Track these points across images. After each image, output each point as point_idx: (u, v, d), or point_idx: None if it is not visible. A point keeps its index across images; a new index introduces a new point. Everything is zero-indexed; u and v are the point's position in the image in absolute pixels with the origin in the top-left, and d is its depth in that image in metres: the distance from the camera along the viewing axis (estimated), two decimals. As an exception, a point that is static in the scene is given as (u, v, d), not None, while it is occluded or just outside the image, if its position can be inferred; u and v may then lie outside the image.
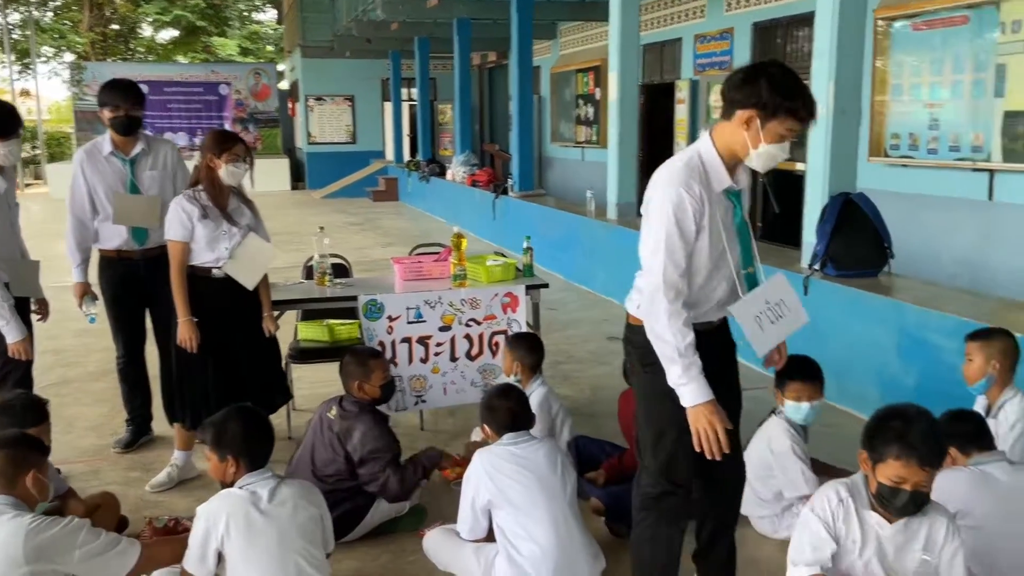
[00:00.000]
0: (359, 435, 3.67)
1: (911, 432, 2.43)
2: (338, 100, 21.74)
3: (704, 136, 2.69)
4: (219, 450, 2.88)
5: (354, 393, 3.81)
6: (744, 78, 2.57)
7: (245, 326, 4.14)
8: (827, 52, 5.23)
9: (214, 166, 4.00)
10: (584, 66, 14.24)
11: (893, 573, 2.60)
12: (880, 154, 7.56)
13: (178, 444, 4.33)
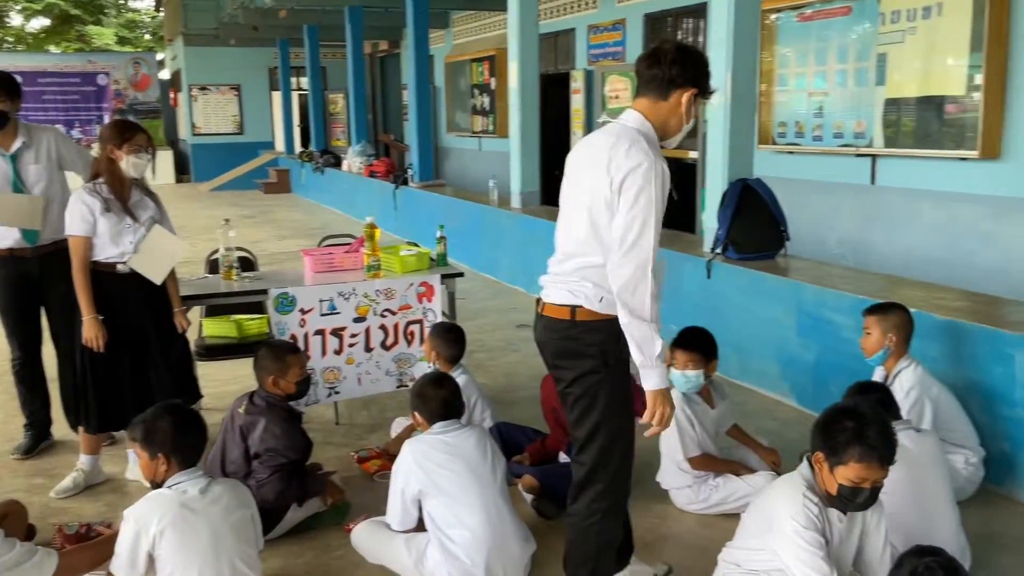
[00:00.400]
0: (260, 430, 3.58)
1: (869, 433, 2.47)
2: (224, 89, 21.09)
3: (635, 114, 2.68)
4: (149, 448, 2.80)
5: (268, 388, 3.72)
6: (683, 58, 2.63)
7: (154, 323, 4.00)
8: (724, 42, 5.40)
9: (115, 158, 3.85)
10: (479, 55, 14.24)
11: (841, 555, 2.69)
12: (768, 142, 7.85)
13: (84, 448, 4.15)
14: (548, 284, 2.81)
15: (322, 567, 3.43)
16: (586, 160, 2.72)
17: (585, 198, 2.67)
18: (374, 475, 4.17)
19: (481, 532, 3.08)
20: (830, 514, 2.64)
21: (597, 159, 2.64)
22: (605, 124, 2.85)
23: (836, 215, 7.43)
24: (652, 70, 2.65)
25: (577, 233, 2.71)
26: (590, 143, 2.75)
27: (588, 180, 2.67)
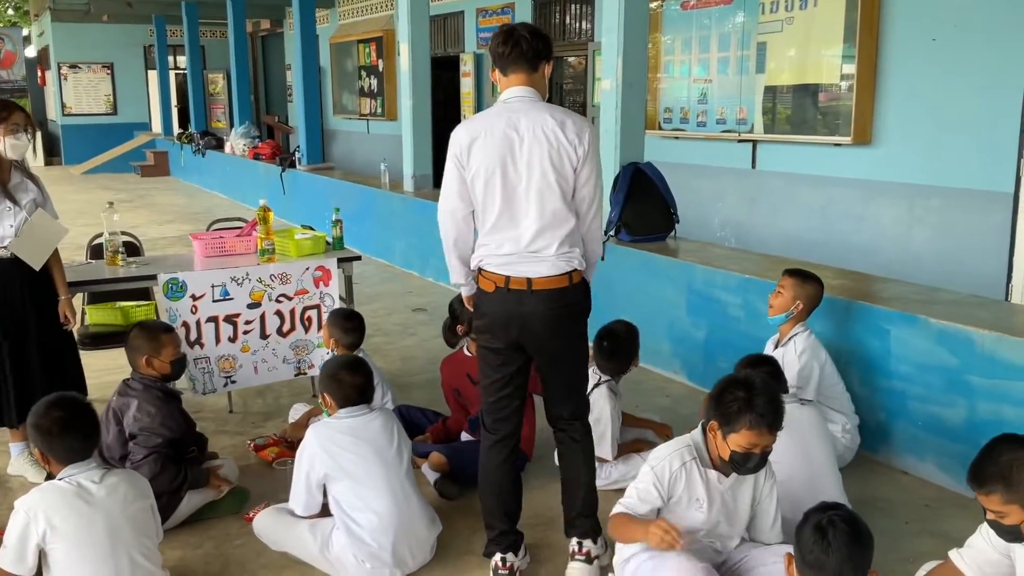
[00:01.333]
0: (133, 410, 3.49)
1: (758, 401, 2.60)
2: (95, 68, 20.09)
3: (525, 88, 2.92)
4: (33, 441, 2.69)
5: (141, 369, 3.60)
6: (539, 32, 2.96)
7: (36, 312, 3.81)
8: (615, 28, 5.50)
9: None
10: (366, 36, 14.03)
11: (733, 520, 2.83)
12: (654, 127, 8.05)
13: (16, 437, 3.95)
14: (524, 263, 2.90)
15: (222, 557, 3.36)
16: (515, 144, 2.85)
17: (547, 176, 2.85)
18: (272, 463, 4.10)
19: (387, 515, 3.08)
20: (709, 475, 2.78)
21: (538, 137, 2.83)
22: (503, 104, 2.91)
23: (720, 198, 7.70)
24: (519, 48, 2.89)
25: (552, 206, 2.87)
26: (514, 125, 2.85)
27: (538, 159, 2.84)
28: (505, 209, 2.88)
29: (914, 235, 6.17)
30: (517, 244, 2.89)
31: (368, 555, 3.07)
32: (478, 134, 2.86)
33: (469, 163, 2.88)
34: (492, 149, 2.85)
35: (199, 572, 3.25)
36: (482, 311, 3.02)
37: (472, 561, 3.31)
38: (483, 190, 2.88)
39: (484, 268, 2.97)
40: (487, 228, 2.93)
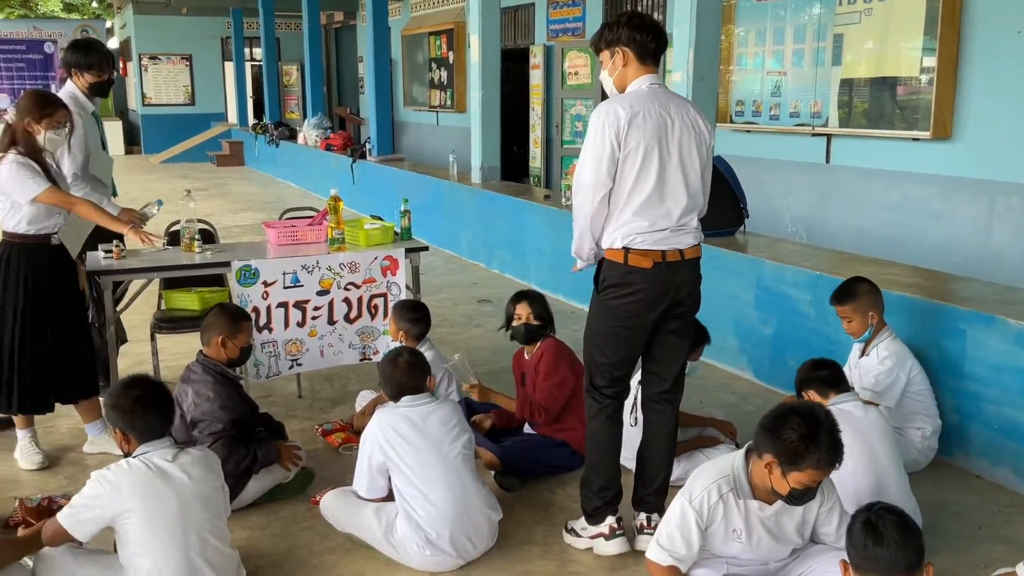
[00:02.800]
0: (191, 396, 3.59)
1: (823, 441, 2.50)
2: (175, 59, 20.64)
3: (660, 79, 3.13)
4: (111, 421, 2.80)
5: (212, 347, 3.69)
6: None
7: (75, 296, 4.03)
8: (687, 20, 5.45)
9: (32, 131, 3.82)
10: (437, 29, 14.13)
11: (779, 541, 2.78)
12: (725, 120, 7.95)
13: (19, 424, 4.11)
14: (676, 236, 3.08)
15: (289, 538, 3.44)
16: (670, 126, 3.01)
17: (692, 158, 3.06)
18: (339, 448, 4.18)
19: (444, 506, 3.11)
20: (748, 505, 2.71)
21: (685, 123, 3.04)
22: (650, 88, 3.06)
23: (791, 193, 7.56)
24: (662, 41, 3.09)
25: (694, 188, 3.10)
26: (665, 108, 3.02)
27: (686, 142, 3.04)
28: (657, 187, 3.01)
29: (994, 233, 5.97)
30: (669, 219, 3.04)
31: (428, 543, 3.11)
32: (636, 113, 2.96)
33: (627, 140, 2.96)
34: (650, 128, 2.97)
35: (266, 552, 3.33)
36: (633, 288, 3.06)
37: (534, 551, 3.33)
38: (638, 168, 2.98)
39: (634, 247, 3.03)
40: (636, 206, 3.01)
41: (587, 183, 3.01)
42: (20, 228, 3.82)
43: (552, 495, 3.78)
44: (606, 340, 3.16)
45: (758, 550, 2.77)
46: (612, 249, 3.07)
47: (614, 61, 3.08)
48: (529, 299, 4.05)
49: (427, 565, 3.15)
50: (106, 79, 4.55)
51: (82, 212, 3.95)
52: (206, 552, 2.79)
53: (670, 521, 2.74)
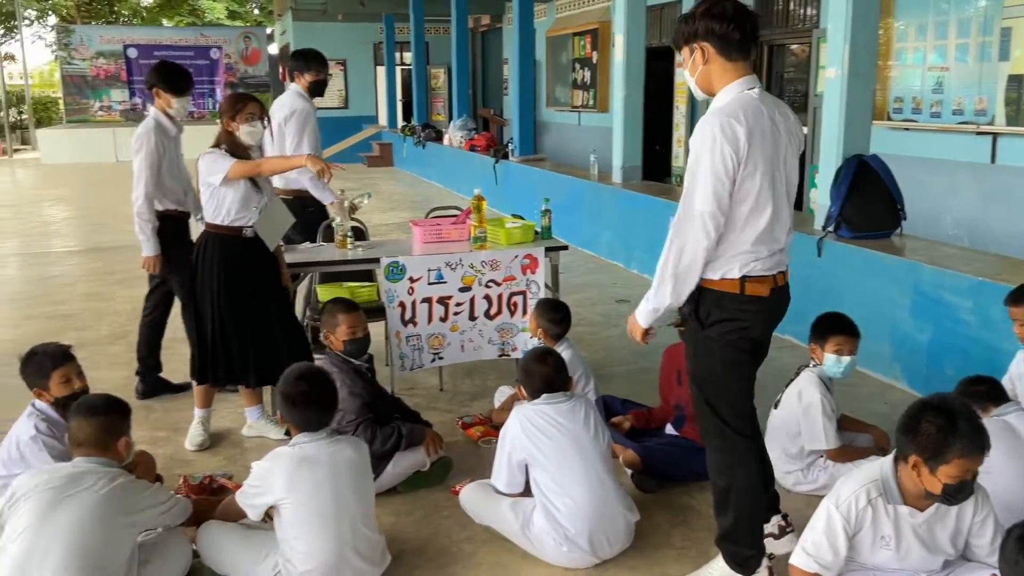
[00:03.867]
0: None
1: (962, 426, 2.39)
2: (330, 64, 21.48)
3: (757, 80, 2.78)
4: (280, 408, 2.98)
5: (325, 341, 3.90)
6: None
7: (271, 287, 4.20)
8: (843, 14, 5.24)
9: (232, 129, 4.06)
10: (581, 29, 14.15)
11: (931, 551, 2.65)
12: (883, 118, 7.59)
13: (200, 403, 4.39)
14: (782, 257, 2.83)
15: (430, 526, 3.54)
16: (779, 140, 2.71)
17: (795, 172, 2.81)
18: (478, 441, 4.27)
19: (583, 501, 3.13)
20: (898, 511, 2.59)
21: (792, 133, 2.77)
22: (751, 92, 2.69)
23: (953, 194, 7.15)
24: (745, 30, 2.67)
25: (792, 204, 2.84)
26: (773, 120, 2.69)
27: (793, 156, 2.79)
28: (776, 209, 2.72)
29: None
30: (779, 242, 2.79)
31: (565, 539, 3.13)
32: (753, 128, 2.62)
33: (748, 160, 2.62)
34: (768, 145, 2.66)
35: (409, 538, 3.44)
36: (750, 316, 2.75)
37: (670, 554, 3.30)
38: (758, 190, 2.65)
39: (752, 275, 2.73)
40: (758, 232, 2.69)
41: (702, 211, 2.62)
42: (216, 219, 4.09)
43: (691, 499, 3.73)
44: (730, 376, 2.82)
45: (907, 559, 2.64)
46: (726, 279, 2.72)
47: (694, 59, 2.70)
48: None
49: (562, 560, 3.17)
50: (321, 78, 5.28)
51: (267, 167, 4.13)
52: (356, 537, 2.92)
53: (816, 527, 2.65)
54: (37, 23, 33.69)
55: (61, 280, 8.22)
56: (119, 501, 2.74)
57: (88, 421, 2.86)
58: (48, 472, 2.79)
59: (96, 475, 2.76)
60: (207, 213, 4.14)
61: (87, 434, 2.84)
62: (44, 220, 12.44)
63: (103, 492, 2.71)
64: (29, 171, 20.00)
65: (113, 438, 2.88)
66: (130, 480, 2.86)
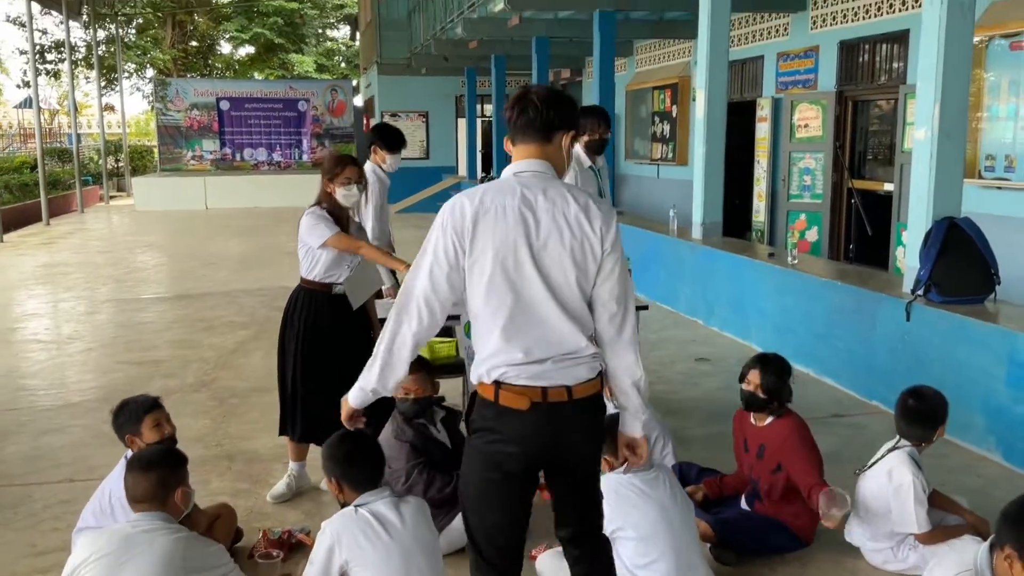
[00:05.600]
0: (382, 439, 3.76)
1: None
2: (413, 116, 22.01)
3: (540, 163, 2.53)
4: (327, 471, 3.01)
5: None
6: (557, 97, 2.54)
7: (356, 345, 4.24)
8: (933, 73, 5.14)
9: (330, 190, 4.21)
10: (661, 83, 14.20)
11: None
12: (974, 175, 7.38)
13: (292, 456, 4.46)
14: (557, 369, 2.48)
15: (504, 591, 3.48)
16: (538, 227, 2.44)
17: (568, 271, 2.49)
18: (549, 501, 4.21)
19: (669, 573, 3.06)
20: None
21: (557, 222, 2.45)
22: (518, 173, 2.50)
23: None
24: (527, 115, 2.49)
25: (576, 303, 2.52)
26: (528, 207, 2.43)
27: (557, 246, 2.47)
28: (521, 306, 2.42)
29: None
30: (549, 347, 2.43)
31: (647, 610, 3.06)
32: (487, 209, 2.40)
33: (474, 243, 2.41)
34: (505, 230, 2.39)
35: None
36: (504, 435, 2.45)
37: (751, 632, 3.19)
38: (489, 279, 2.41)
39: (506, 381, 2.43)
40: (499, 329, 2.42)
41: (413, 289, 2.50)
42: (310, 275, 4.22)
43: (771, 573, 3.61)
44: (484, 496, 2.57)
45: None
46: (482, 383, 2.52)
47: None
48: (764, 366, 3.78)
49: (644, 634, 3.10)
50: (597, 138, 4.97)
51: (367, 253, 4.23)
52: (426, 601, 2.89)
53: None
54: (135, 75, 35.37)
55: (151, 326, 8.50)
56: (178, 557, 2.77)
57: (143, 476, 2.91)
58: (107, 535, 2.84)
59: (153, 533, 2.80)
60: (302, 269, 4.27)
61: (143, 489, 2.90)
62: (136, 266, 12.94)
63: (161, 550, 2.75)
64: (124, 217, 20.86)
65: (169, 491, 2.92)
66: (189, 536, 2.89)
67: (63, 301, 10.08)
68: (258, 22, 34.41)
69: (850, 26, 9.55)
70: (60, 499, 4.41)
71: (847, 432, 5.20)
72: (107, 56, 30.52)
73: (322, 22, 38.65)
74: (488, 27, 13.12)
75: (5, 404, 6.05)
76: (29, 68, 22.77)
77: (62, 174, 24.87)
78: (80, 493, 4.40)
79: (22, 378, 6.78)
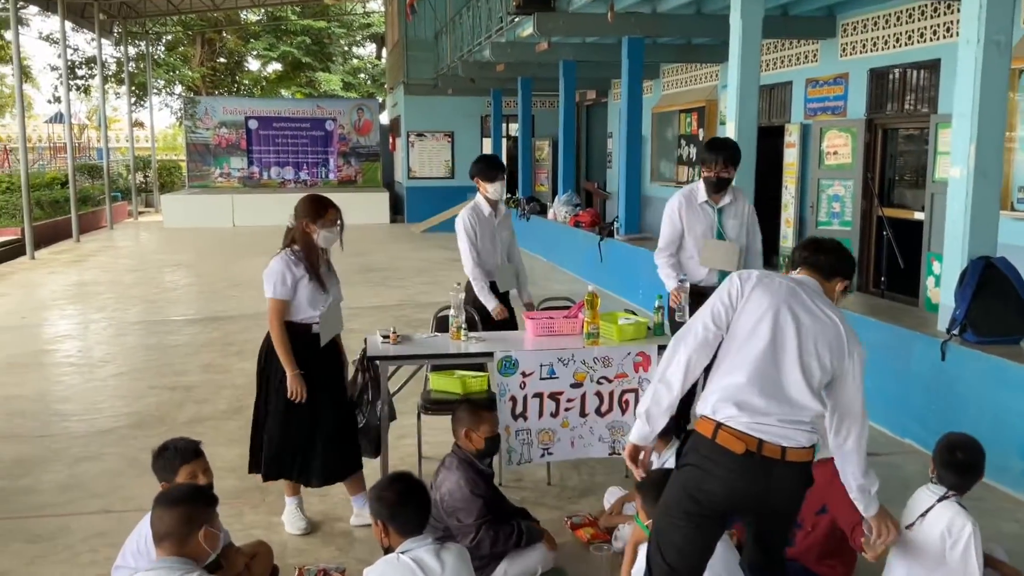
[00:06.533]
0: (447, 488, 3.79)
1: None
2: (438, 136, 22.14)
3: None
4: (374, 513, 3.02)
5: (460, 441, 3.93)
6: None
7: (331, 384, 4.39)
8: (969, 112, 5.12)
9: (310, 231, 4.29)
10: (688, 107, 14.21)
11: None
12: (1006, 207, 7.32)
13: (287, 492, 4.51)
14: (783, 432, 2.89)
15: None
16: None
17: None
18: (588, 544, 4.21)
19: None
20: None
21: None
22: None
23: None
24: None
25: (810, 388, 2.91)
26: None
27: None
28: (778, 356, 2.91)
29: None
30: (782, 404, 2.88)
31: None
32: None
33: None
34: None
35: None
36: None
37: None
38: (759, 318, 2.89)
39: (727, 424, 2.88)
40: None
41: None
42: (287, 316, 4.27)
43: (809, 621, 3.58)
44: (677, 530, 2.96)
45: None
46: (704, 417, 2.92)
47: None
48: None
49: None
50: (712, 175, 4.96)
51: (277, 343, 4.24)
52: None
53: None
54: (164, 92, 35.83)
55: (182, 350, 8.58)
56: None
57: (167, 511, 2.81)
58: None
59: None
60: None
61: (167, 525, 2.79)
62: (165, 286, 13.06)
63: None
64: (152, 234, 21.08)
65: (193, 529, 2.80)
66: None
67: (94, 322, 10.20)
68: (286, 40, 34.82)
69: (880, 54, 9.53)
70: (97, 531, 4.46)
71: (881, 472, 5.04)
72: (137, 73, 30.93)
73: (349, 40, 39.01)
74: (516, 51, 13.21)
75: (38, 430, 6.12)
76: (61, 85, 23.14)
77: (91, 190, 25.21)
78: (115, 525, 4.46)
79: (55, 402, 6.86)
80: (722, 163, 4.91)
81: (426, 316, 9.68)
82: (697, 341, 2.81)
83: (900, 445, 5.64)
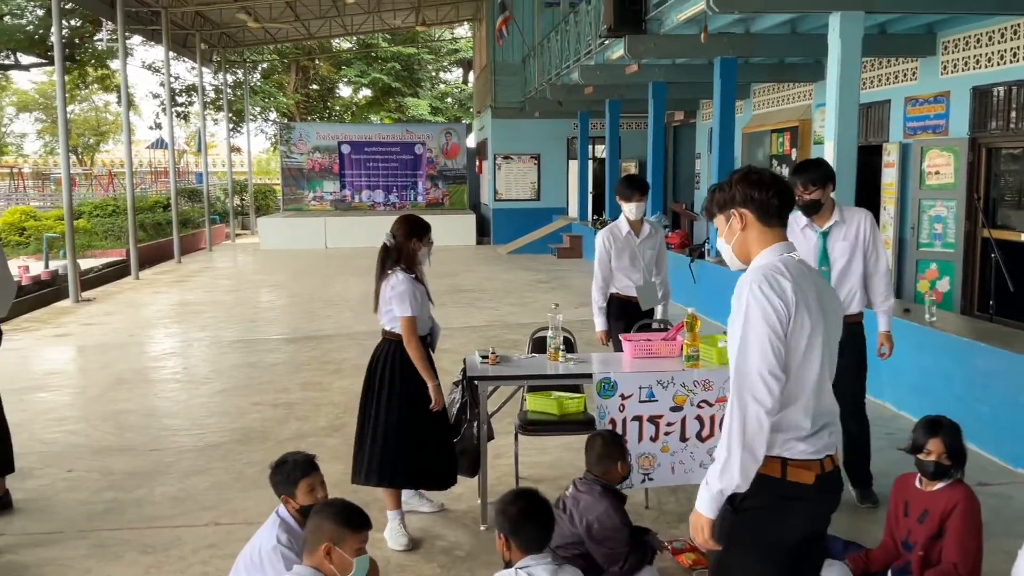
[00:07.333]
0: (596, 515, 3.73)
1: None
2: (525, 158, 22.32)
3: None
4: (498, 526, 3.05)
5: (598, 468, 3.89)
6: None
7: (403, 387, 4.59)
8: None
9: (416, 248, 4.56)
10: (780, 126, 14.01)
11: None
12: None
13: (389, 505, 4.61)
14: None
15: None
16: (826, 309, 2.67)
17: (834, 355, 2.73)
18: (690, 570, 4.16)
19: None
20: None
21: (833, 314, 2.70)
22: (791, 255, 2.65)
23: None
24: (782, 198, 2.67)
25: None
26: (817, 287, 2.65)
27: (834, 333, 2.71)
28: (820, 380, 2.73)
29: None
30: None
31: None
32: (799, 284, 2.58)
33: (796, 316, 2.57)
34: (815, 306, 2.64)
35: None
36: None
37: None
38: (805, 349, 2.62)
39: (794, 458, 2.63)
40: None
41: (760, 370, 2.51)
42: (396, 328, 4.51)
43: (924, 656, 3.47)
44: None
45: None
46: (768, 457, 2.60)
47: (731, 225, 2.66)
48: (942, 432, 3.64)
49: None
50: (799, 200, 4.74)
51: (414, 353, 4.49)
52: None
53: None
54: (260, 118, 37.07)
55: (282, 368, 8.82)
56: None
57: (326, 521, 3.00)
58: None
59: None
60: (387, 322, 4.56)
61: (327, 534, 2.96)
62: (263, 306, 13.47)
63: None
64: (249, 256, 21.78)
65: (317, 541, 2.95)
66: None
67: (197, 340, 10.57)
68: (376, 67, 35.66)
69: (984, 71, 9.24)
70: (208, 543, 4.61)
71: (994, 502, 4.95)
72: (235, 100, 32.10)
73: (436, 66, 39.73)
74: (604, 73, 13.24)
75: (150, 444, 6.37)
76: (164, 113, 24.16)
77: (191, 213, 26.20)
78: (225, 537, 4.61)
79: (163, 417, 7.14)
80: (801, 186, 4.72)
81: (515, 336, 9.78)
82: (774, 399, 2.47)
83: (1013, 475, 5.41)
